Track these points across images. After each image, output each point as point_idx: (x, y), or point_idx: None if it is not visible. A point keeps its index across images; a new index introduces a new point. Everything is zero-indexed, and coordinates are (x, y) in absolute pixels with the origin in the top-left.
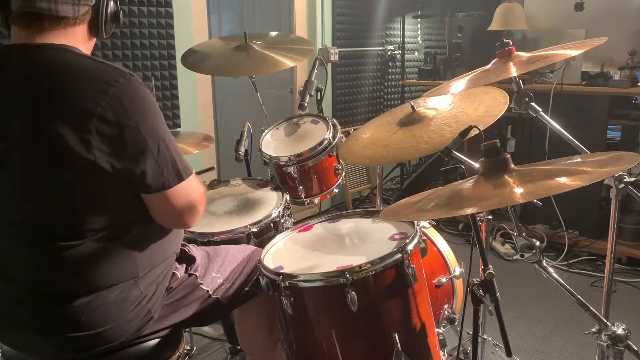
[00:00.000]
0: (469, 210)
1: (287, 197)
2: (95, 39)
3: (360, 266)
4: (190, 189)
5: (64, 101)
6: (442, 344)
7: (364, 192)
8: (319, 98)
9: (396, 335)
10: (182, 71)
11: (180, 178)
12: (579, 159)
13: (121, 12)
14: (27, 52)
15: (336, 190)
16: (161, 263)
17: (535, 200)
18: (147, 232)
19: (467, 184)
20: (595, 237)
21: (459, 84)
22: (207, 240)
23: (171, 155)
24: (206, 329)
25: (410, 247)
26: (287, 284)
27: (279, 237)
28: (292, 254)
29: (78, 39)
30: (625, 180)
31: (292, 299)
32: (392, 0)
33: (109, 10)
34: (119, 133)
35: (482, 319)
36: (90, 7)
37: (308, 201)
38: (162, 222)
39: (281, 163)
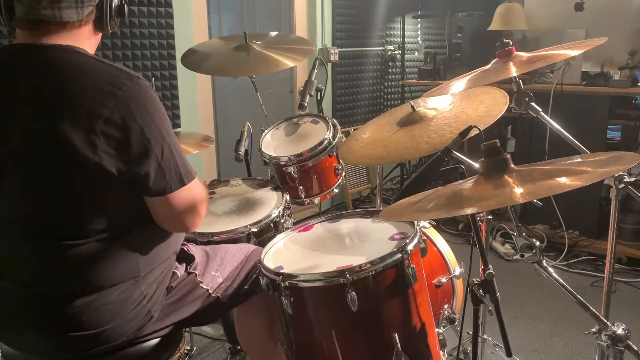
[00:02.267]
0: (469, 210)
1: (287, 197)
2: (100, 34)
3: (360, 266)
4: (193, 193)
5: (69, 102)
6: (442, 344)
7: (364, 192)
8: (319, 98)
9: (396, 335)
10: (182, 71)
11: (182, 182)
12: (579, 159)
13: (125, 6)
14: (33, 52)
15: (336, 190)
16: (162, 263)
17: (535, 200)
18: (149, 232)
19: (467, 184)
20: (595, 237)
21: (459, 84)
22: (207, 240)
23: (174, 159)
24: (206, 329)
25: (410, 247)
26: (287, 284)
27: (279, 237)
28: (292, 254)
29: (83, 38)
30: (625, 180)
31: (292, 299)
32: (392, 0)
33: (113, 6)
34: (124, 136)
35: (482, 319)
36: (94, 6)
37: (308, 201)
38: (164, 225)
39: (281, 163)
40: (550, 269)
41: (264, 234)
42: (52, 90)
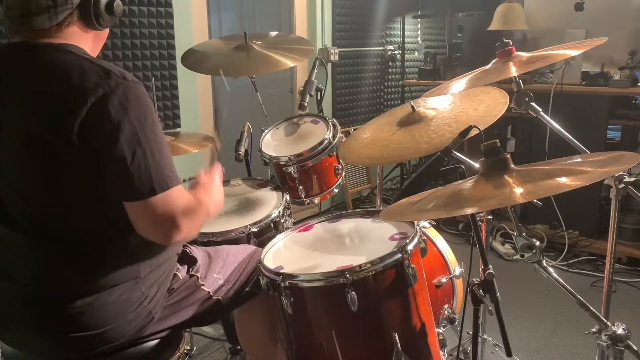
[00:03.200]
0: (469, 210)
1: (287, 197)
2: (101, 31)
3: (360, 266)
4: (169, 203)
5: (52, 101)
6: (442, 344)
7: (364, 192)
8: (319, 98)
9: (396, 335)
10: (182, 71)
11: (152, 191)
12: (579, 159)
13: (116, 2)
14: (24, 51)
15: (336, 190)
16: (163, 264)
17: (535, 200)
18: None
19: (467, 184)
20: (595, 237)
21: (459, 84)
22: (207, 240)
23: (148, 165)
24: (206, 329)
25: (410, 247)
26: (287, 284)
27: (279, 237)
28: (292, 254)
29: (76, 37)
30: (625, 180)
31: (292, 299)
32: (392, 0)
33: (99, 4)
34: (99, 137)
35: (482, 319)
36: (73, 8)
37: (308, 201)
38: (140, 232)
39: (281, 163)
40: (550, 269)
41: (264, 234)
42: (38, 90)
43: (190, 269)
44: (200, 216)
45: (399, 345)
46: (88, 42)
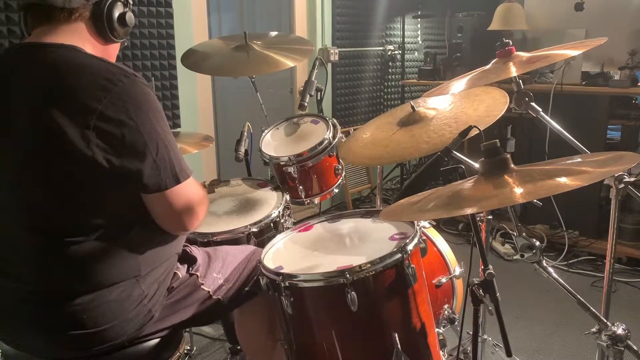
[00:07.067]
0: (469, 210)
1: (287, 197)
2: (111, 45)
3: (360, 266)
4: (189, 191)
5: (65, 97)
6: (442, 344)
7: (364, 192)
8: (319, 98)
9: (396, 335)
10: (182, 71)
11: (177, 180)
12: (579, 159)
13: (128, 14)
14: (34, 50)
15: (336, 190)
16: (163, 262)
17: (535, 200)
18: (150, 231)
19: (467, 184)
20: (595, 237)
21: (459, 84)
22: (207, 240)
23: (169, 157)
24: (206, 329)
25: (410, 247)
26: (287, 284)
27: (279, 237)
28: (292, 254)
29: (83, 38)
30: (625, 180)
31: (292, 299)
32: (392, 0)
33: (112, 11)
34: (118, 132)
35: (482, 319)
36: (86, 2)
37: (308, 201)
38: (162, 224)
39: (281, 163)
40: (550, 269)
41: (264, 234)
42: (49, 86)
43: (190, 268)
44: (207, 204)
45: (399, 345)
46: (96, 49)
